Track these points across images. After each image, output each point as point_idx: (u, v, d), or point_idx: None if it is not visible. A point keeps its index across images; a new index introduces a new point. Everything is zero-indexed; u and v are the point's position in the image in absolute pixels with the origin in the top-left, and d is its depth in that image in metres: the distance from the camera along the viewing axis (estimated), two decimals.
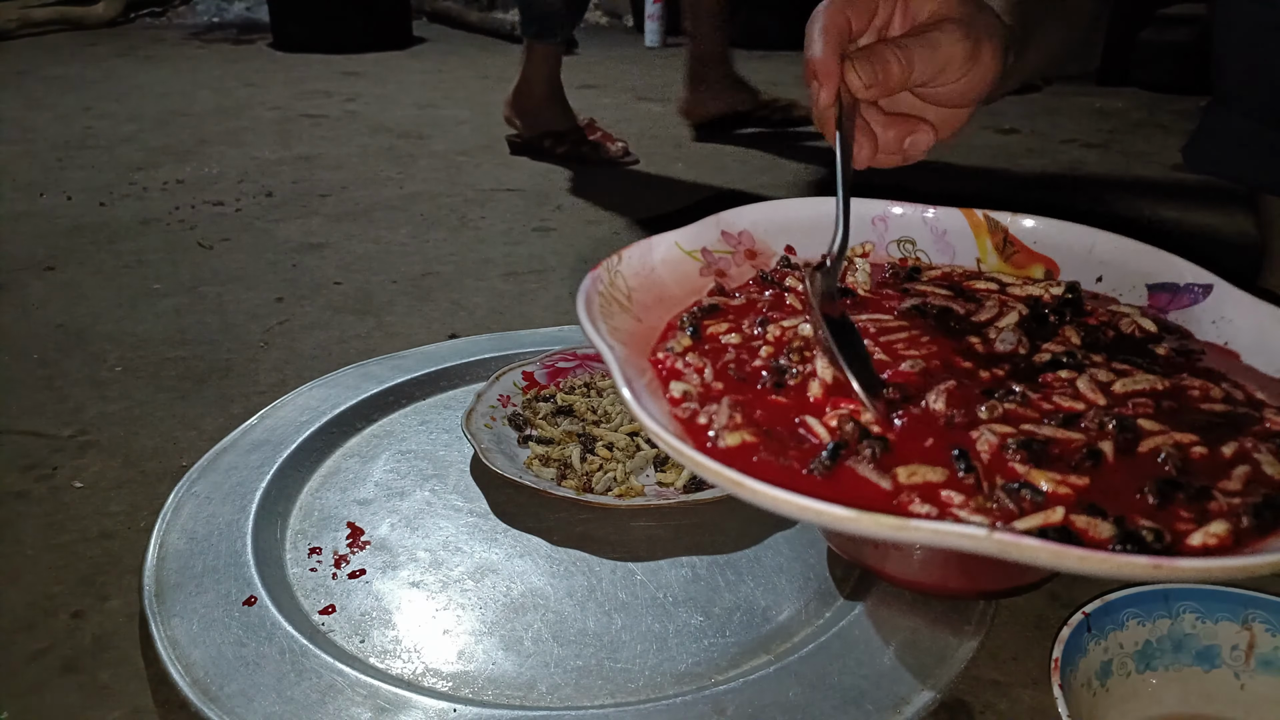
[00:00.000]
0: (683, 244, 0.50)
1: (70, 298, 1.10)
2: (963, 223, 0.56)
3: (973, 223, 0.56)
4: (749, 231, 0.54)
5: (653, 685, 0.52)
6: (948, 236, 0.56)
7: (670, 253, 0.50)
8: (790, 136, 1.97)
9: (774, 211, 0.55)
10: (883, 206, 0.56)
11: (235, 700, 0.49)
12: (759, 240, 0.54)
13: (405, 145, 1.88)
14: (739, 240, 0.53)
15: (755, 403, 0.41)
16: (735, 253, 0.53)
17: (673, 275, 0.49)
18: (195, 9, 4.09)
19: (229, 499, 0.66)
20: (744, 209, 0.54)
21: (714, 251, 0.52)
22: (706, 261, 0.51)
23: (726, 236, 0.53)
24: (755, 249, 0.54)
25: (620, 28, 4.06)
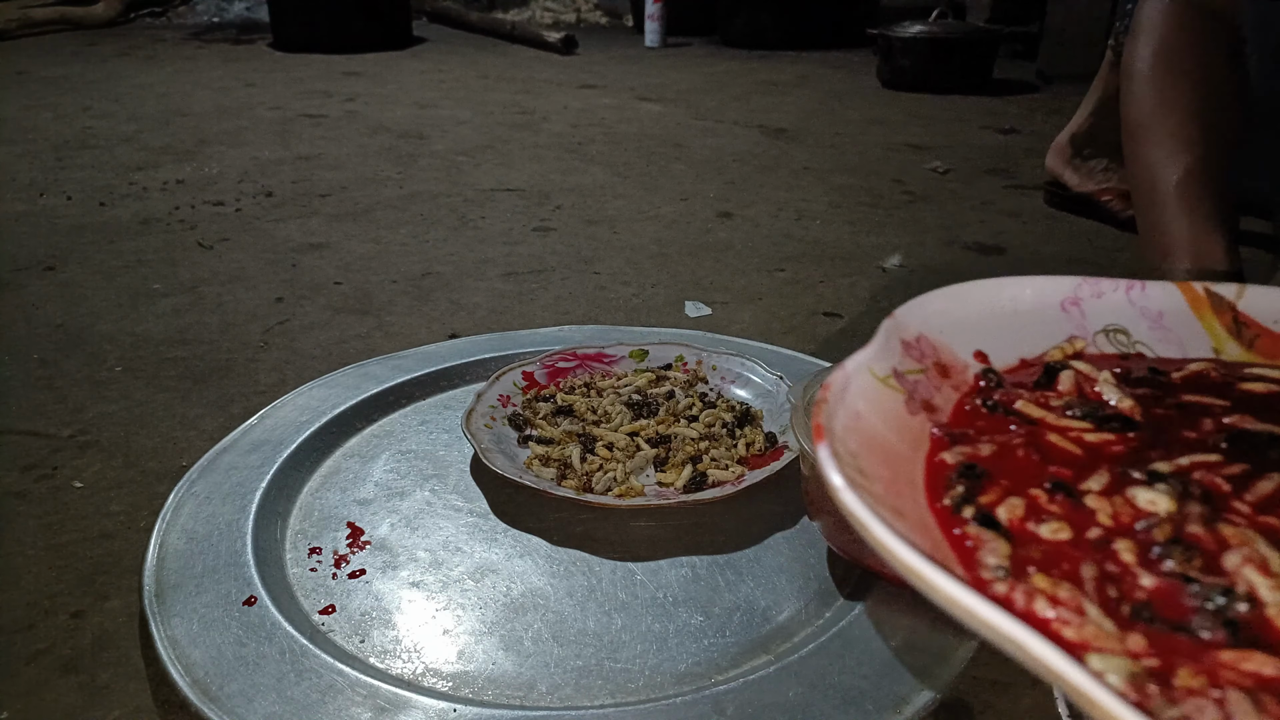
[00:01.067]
0: (876, 370, 0.39)
1: (70, 298, 1.10)
2: (1179, 300, 0.45)
3: (1190, 299, 0.45)
4: (925, 336, 0.42)
5: (653, 685, 0.52)
6: (1165, 320, 0.44)
7: (867, 386, 0.38)
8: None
9: (946, 304, 0.43)
10: (1071, 286, 0.45)
11: (235, 700, 0.49)
12: (941, 347, 0.42)
13: (405, 145, 1.88)
14: (921, 351, 0.41)
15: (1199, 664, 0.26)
16: (926, 370, 0.41)
17: (884, 421, 0.38)
18: (195, 9, 4.09)
19: (229, 499, 0.66)
20: (911, 306, 0.41)
21: (906, 374, 0.40)
22: (907, 392, 0.39)
23: (907, 348, 0.41)
24: (943, 360, 0.42)
25: (620, 28, 4.06)
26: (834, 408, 0.35)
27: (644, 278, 1.17)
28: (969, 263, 1.23)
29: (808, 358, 0.89)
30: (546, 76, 2.77)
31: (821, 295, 1.12)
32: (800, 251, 1.27)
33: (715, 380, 0.82)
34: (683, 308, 1.08)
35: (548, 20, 4.21)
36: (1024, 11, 3.17)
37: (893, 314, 0.40)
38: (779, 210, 1.46)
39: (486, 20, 3.76)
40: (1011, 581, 0.28)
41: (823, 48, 3.36)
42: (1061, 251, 1.27)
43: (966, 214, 1.44)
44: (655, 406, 0.77)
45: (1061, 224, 1.39)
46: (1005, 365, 0.42)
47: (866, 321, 1.04)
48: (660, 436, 0.73)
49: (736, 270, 1.20)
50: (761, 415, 0.77)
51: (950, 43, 2.50)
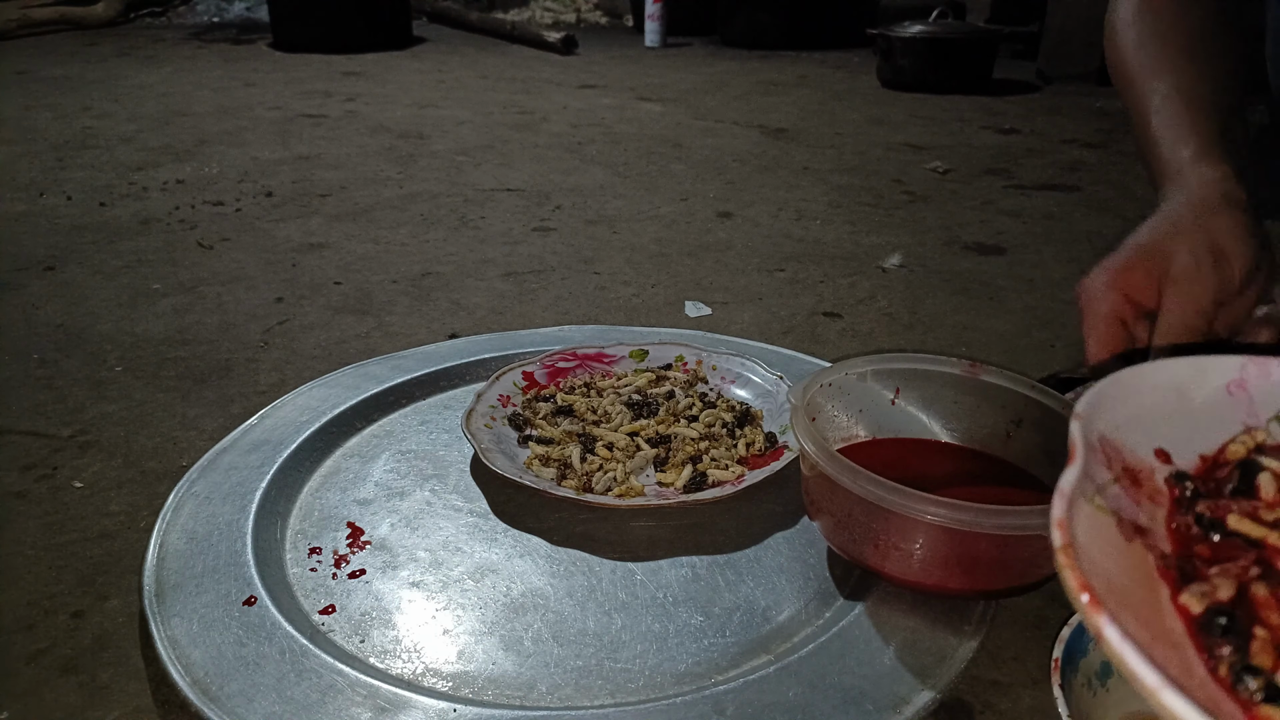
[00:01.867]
0: (1084, 491, 0.34)
1: (70, 298, 1.10)
2: None
3: None
4: (1106, 437, 0.37)
5: (653, 685, 0.52)
6: None
7: (1094, 524, 0.34)
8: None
9: (1116, 395, 0.39)
10: (1236, 367, 0.41)
11: (235, 700, 0.49)
12: (1124, 448, 0.38)
13: (405, 145, 1.88)
14: (1106, 456, 0.37)
15: None
16: (1119, 479, 0.37)
17: (1112, 560, 0.33)
18: (195, 9, 4.09)
19: (229, 499, 0.66)
20: (1090, 401, 0.38)
21: (1106, 488, 0.36)
22: (1114, 513, 0.35)
23: (1094, 455, 0.36)
24: (1129, 464, 0.37)
25: (620, 28, 4.06)
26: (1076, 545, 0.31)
27: (644, 278, 1.17)
28: (969, 263, 1.23)
29: (808, 358, 0.89)
30: (546, 76, 2.77)
31: (821, 295, 1.12)
32: (800, 251, 1.27)
33: (715, 380, 0.82)
34: (683, 308, 1.08)
35: (548, 20, 4.21)
36: (1024, 11, 3.17)
37: (1077, 413, 0.37)
38: (779, 210, 1.46)
39: (486, 20, 3.76)
40: None
41: (823, 48, 3.36)
42: (1061, 252, 1.27)
43: (966, 214, 1.44)
44: (655, 406, 0.77)
45: (1061, 224, 1.39)
46: (1187, 464, 0.39)
47: (866, 321, 1.04)
48: (660, 436, 0.73)
49: (736, 270, 1.20)
50: (761, 415, 0.77)
51: (950, 43, 2.50)
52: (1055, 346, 0.98)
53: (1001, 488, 0.62)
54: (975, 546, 0.51)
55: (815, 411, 0.63)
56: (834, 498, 0.55)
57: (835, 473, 0.54)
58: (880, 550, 0.54)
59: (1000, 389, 0.63)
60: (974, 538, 0.51)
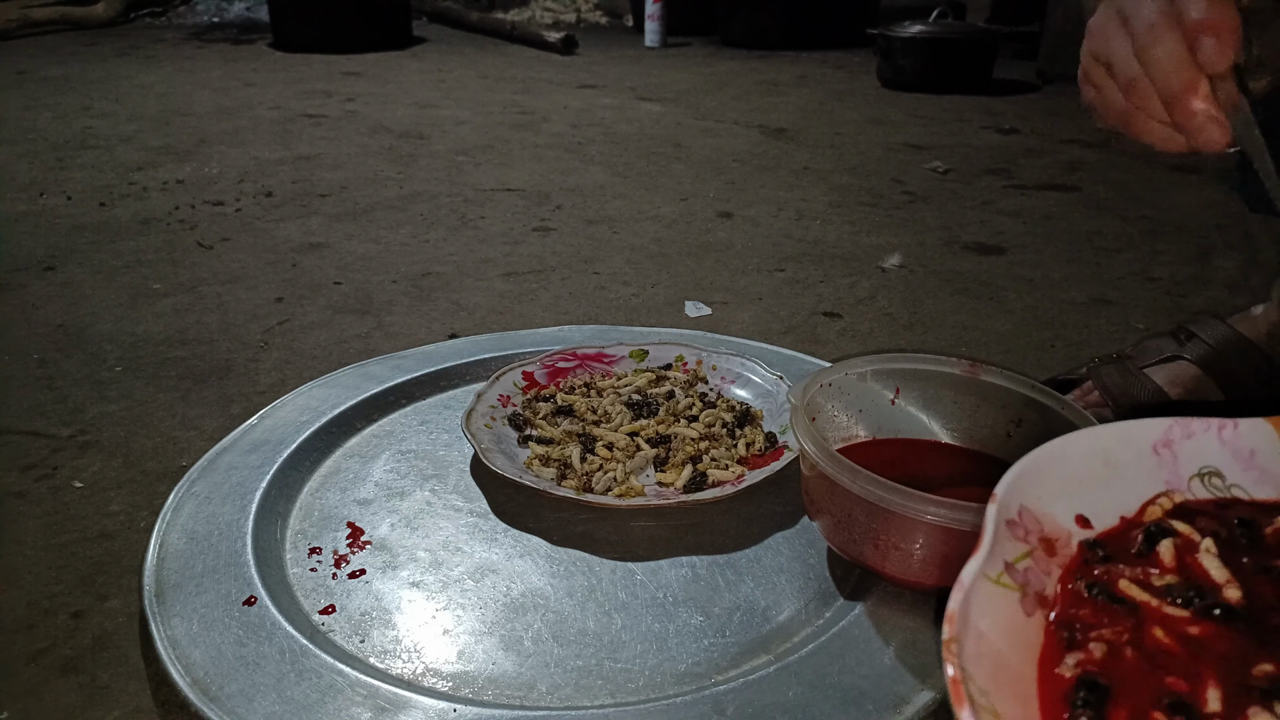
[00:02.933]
0: (989, 573, 0.36)
1: (70, 298, 1.10)
2: (1271, 437, 0.43)
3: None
4: (1026, 508, 0.39)
5: (653, 685, 0.52)
6: (1258, 459, 0.43)
7: (985, 595, 0.36)
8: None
9: (1040, 468, 0.41)
10: (1162, 429, 0.43)
11: (235, 700, 0.49)
12: (1043, 517, 0.40)
13: (405, 145, 1.88)
14: (1025, 527, 0.39)
15: None
16: (1033, 551, 0.38)
17: (1004, 635, 0.35)
18: (195, 9, 4.09)
19: (229, 499, 0.66)
20: (1008, 482, 0.39)
21: (1016, 564, 0.38)
22: (1020, 588, 0.37)
23: (1012, 527, 0.39)
24: (1046, 533, 0.39)
25: (620, 28, 4.06)
26: (961, 638, 0.33)
27: (644, 278, 1.17)
28: (969, 263, 1.23)
29: (808, 358, 0.89)
30: (546, 76, 2.77)
31: (821, 295, 1.12)
32: (800, 251, 1.27)
33: (715, 380, 0.82)
34: (683, 308, 1.08)
35: (548, 20, 4.21)
36: (1024, 11, 3.17)
37: (994, 495, 0.39)
38: (779, 210, 1.46)
39: (486, 20, 3.76)
40: None
41: (823, 48, 3.36)
42: (1062, 251, 1.27)
43: (966, 214, 1.44)
44: (655, 406, 0.77)
45: (1061, 224, 1.39)
46: (1107, 526, 0.41)
47: (866, 321, 1.04)
48: (660, 436, 0.73)
49: (736, 270, 1.20)
50: (761, 415, 0.77)
51: (950, 43, 2.50)
52: (1055, 346, 0.98)
53: None
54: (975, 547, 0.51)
55: (815, 411, 0.63)
56: (834, 498, 0.55)
57: (835, 473, 0.54)
58: (880, 550, 0.54)
59: (1000, 389, 0.63)
60: (974, 538, 0.50)
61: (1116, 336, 1.00)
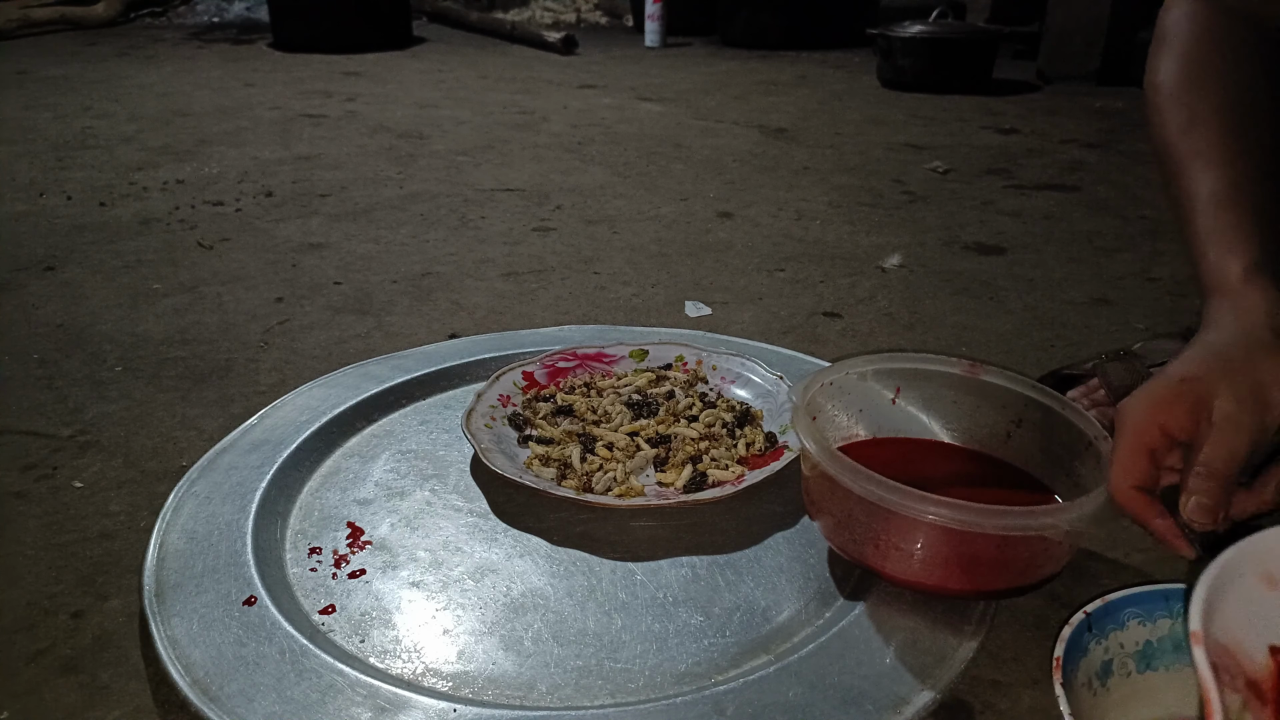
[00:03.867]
0: None
1: (70, 298, 1.10)
2: None
3: None
4: (1222, 644, 0.34)
5: (653, 685, 0.52)
6: None
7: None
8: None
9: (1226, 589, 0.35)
10: None
11: (235, 700, 0.49)
12: (1244, 656, 0.35)
13: (405, 145, 1.88)
14: (1228, 671, 0.33)
15: None
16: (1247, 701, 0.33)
17: None
18: (195, 9, 4.09)
19: (229, 499, 0.66)
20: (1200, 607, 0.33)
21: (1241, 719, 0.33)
22: None
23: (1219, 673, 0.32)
24: (1247, 673, 0.34)
25: (620, 28, 4.06)
26: None
27: (644, 278, 1.17)
28: (969, 263, 1.23)
29: (808, 358, 0.89)
30: (546, 76, 2.77)
31: (821, 295, 1.12)
32: (800, 251, 1.27)
33: (715, 380, 0.82)
34: (683, 308, 1.08)
35: (548, 20, 4.21)
36: (1024, 11, 3.17)
37: (1194, 633, 0.33)
38: (779, 210, 1.46)
39: (486, 20, 3.76)
40: None
41: (823, 48, 3.36)
42: (1062, 252, 1.27)
43: (966, 214, 1.44)
44: (655, 406, 0.77)
45: (1061, 224, 1.39)
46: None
47: (866, 321, 1.04)
48: (660, 436, 0.73)
49: (736, 270, 1.20)
50: (761, 415, 0.76)
51: (950, 43, 2.50)
52: (1055, 346, 0.98)
53: (1001, 488, 0.62)
54: (975, 546, 0.51)
55: (815, 411, 0.63)
56: (834, 498, 0.55)
57: (836, 472, 0.54)
58: (880, 550, 0.54)
59: (1000, 389, 0.63)
60: (974, 538, 0.51)
61: (1116, 336, 1.00)
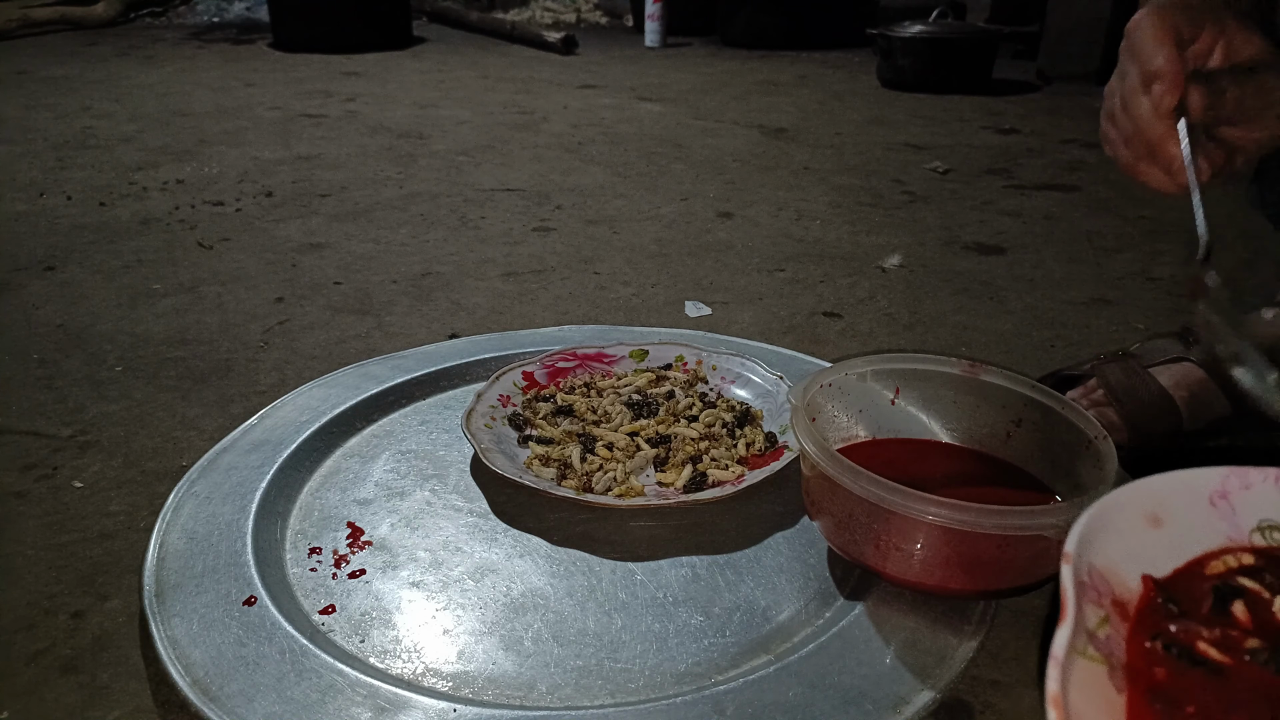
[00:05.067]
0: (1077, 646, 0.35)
1: (70, 298, 1.10)
2: None
3: None
4: (1095, 567, 0.39)
5: (653, 685, 0.52)
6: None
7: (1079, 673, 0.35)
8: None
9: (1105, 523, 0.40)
10: (1218, 479, 0.42)
11: (235, 700, 0.49)
12: (1110, 575, 0.39)
13: (405, 145, 1.88)
14: (1097, 589, 0.39)
15: None
16: (1109, 617, 0.38)
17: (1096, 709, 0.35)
18: (195, 9, 4.09)
19: (229, 499, 0.66)
20: (1077, 537, 0.39)
21: (1096, 633, 0.37)
22: (1106, 659, 0.36)
23: (1086, 590, 0.38)
24: (1117, 595, 0.39)
25: (620, 28, 4.06)
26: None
27: (644, 278, 1.17)
28: (969, 263, 1.23)
29: (808, 358, 0.89)
30: (546, 76, 2.77)
31: (821, 295, 1.12)
32: (800, 251, 1.27)
33: (715, 380, 0.82)
34: (683, 308, 1.08)
35: (548, 20, 4.21)
36: (1024, 11, 3.17)
37: (1067, 553, 0.38)
38: (779, 210, 1.46)
39: (486, 20, 3.76)
40: None
41: (823, 48, 3.36)
42: (1062, 252, 1.27)
43: (966, 214, 1.44)
44: (655, 406, 0.77)
45: (1061, 224, 1.39)
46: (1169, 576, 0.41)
47: (866, 321, 1.04)
48: (660, 436, 0.73)
49: (736, 270, 1.20)
50: (761, 415, 0.77)
51: (950, 43, 2.50)
52: (1055, 346, 0.98)
53: (1001, 488, 0.62)
54: (976, 546, 0.51)
55: (815, 411, 0.63)
56: (834, 498, 0.55)
57: (836, 473, 0.54)
58: (881, 550, 0.54)
59: (1000, 389, 0.63)
60: (974, 538, 0.51)
61: (1116, 336, 1.00)
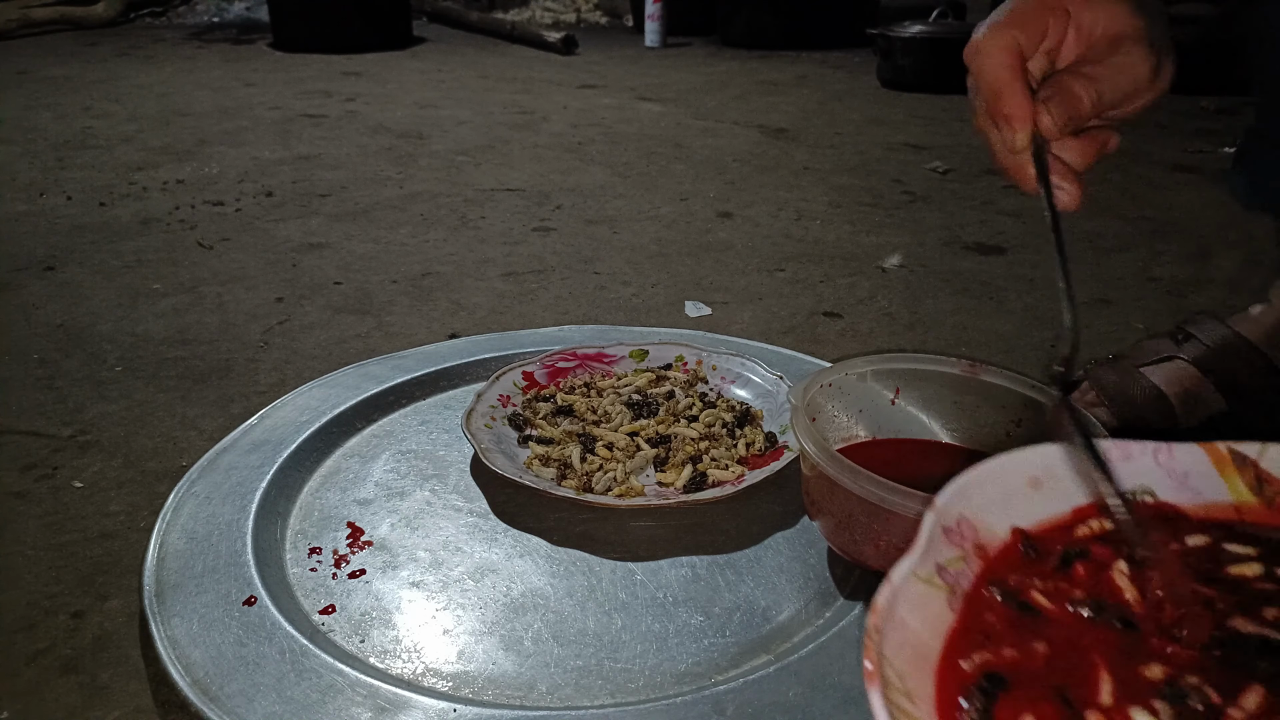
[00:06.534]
0: (920, 573, 0.41)
1: (70, 298, 1.10)
2: (1204, 461, 0.47)
3: (1215, 459, 0.47)
4: (965, 517, 0.44)
5: (653, 685, 0.52)
6: (1190, 480, 0.46)
7: (913, 591, 0.41)
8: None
9: (985, 480, 0.45)
10: (1101, 450, 0.47)
11: (235, 700, 0.49)
12: (980, 525, 0.44)
13: (405, 145, 1.88)
14: (961, 534, 0.43)
15: None
16: (966, 555, 0.43)
17: (928, 626, 0.39)
18: (195, 9, 4.09)
19: (229, 499, 0.66)
20: (952, 489, 0.44)
21: (948, 566, 0.42)
22: (949, 588, 0.41)
23: (948, 534, 0.43)
24: (981, 540, 0.43)
25: (620, 28, 4.06)
26: (884, 629, 0.37)
27: (644, 278, 1.17)
28: (969, 263, 1.23)
29: (808, 358, 0.89)
30: (546, 76, 2.77)
31: (821, 295, 1.12)
32: (800, 251, 1.27)
33: (715, 380, 0.82)
34: (683, 308, 1.08)
35: (548, 20, 4.21)
36: None
37: (933, 504, 0.42)
38: (779, 210, 1.46)
39: (486, 20, 3.76)
40: None
41: (823, 48, 3.36)
42: None
43: (966, 214, 1.44)
44: (655, 406, 0.77)
45: (1061, 224, 1.39)
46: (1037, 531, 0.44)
47: (866, 321, 1.04)
48: (660, 436, 0.73)
49: (736, 270, 1.20)
50: (761, 415, 0.77)
51: (950, 43, 2.50)
52: (1055, 346, 0.98)
53: None
54: None
55: (815, 412, 0.63)
56: (834, 498, 0.55)
57: (836, 473, 0.54)
58: (881, 550, 0.54)
59: (1000, 389, 0.63)
60: None
61: (1116, 336, 1.00)
